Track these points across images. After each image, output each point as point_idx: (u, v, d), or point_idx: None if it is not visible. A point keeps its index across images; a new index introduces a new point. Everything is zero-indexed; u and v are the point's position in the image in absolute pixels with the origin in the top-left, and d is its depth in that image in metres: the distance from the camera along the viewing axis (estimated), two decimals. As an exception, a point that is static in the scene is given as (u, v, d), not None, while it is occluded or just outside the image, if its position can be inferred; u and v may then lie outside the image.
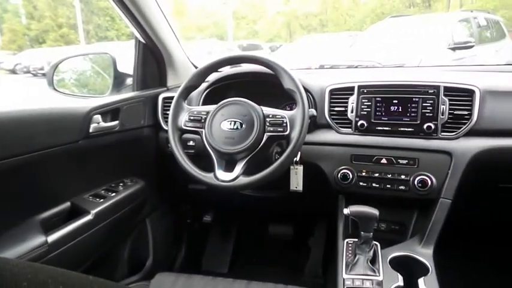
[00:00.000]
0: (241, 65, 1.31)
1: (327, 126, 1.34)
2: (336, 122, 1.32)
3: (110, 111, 1.34)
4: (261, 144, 1.11)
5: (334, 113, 1.33)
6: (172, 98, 1.24)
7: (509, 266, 1.60)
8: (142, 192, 1.48)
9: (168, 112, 1.22)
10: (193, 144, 1.44)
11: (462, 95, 1.20)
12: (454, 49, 4.90)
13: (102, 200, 1.29)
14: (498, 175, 1.28)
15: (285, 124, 1.10)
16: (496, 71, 1.53)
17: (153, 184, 1.60)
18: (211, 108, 1.18)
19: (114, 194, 1.35)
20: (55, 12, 21.81)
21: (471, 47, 4.97)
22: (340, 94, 1.32)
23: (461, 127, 1.19)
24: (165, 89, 1.62)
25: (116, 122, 1.36)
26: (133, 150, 1.50)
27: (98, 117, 1.28)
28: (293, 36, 19.60)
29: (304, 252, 1.91)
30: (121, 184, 1.42)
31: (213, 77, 1.40)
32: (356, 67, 1.93)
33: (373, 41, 5.50)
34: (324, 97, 1.34)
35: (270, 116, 1.12)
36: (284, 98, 1.18)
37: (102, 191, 1.35)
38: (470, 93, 1.20)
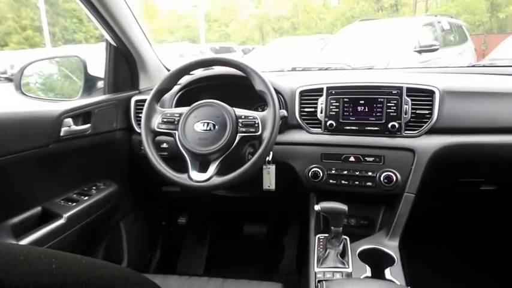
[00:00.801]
0: (214, 67, 1.34)
1: (298, 127, 1.38)
2: (306, 123, 1.37)
3: (81, 115, 1.33)
4: (234, 144, 1.14)
5: (304, 113, 1.37)
6: (144, 100, 1.25)
7: (468, 256, 1.70)
8: (115, 195, 1.47)
9: (140, 115, 1.23)
10: (167, 146, 1.45)
11: (423, 95, 1.27)
12: (420, 52, 5.10)
13: (74, 204, 1.28)
14: (457, 170, 1.36)
15: (256, 125, 1.14)
16: (458, 73, 1.63)
17: (127, 187, 1.59)
18: (184, 110, 1.20)
19: (86, 197, 1.34)
20: (18, 13, 21.00)
21: (436, 49, 5.18)
22: (309, 95, 1.37)
23: (423, 125, 1.27)
24: (137, 92, 1.62)
25: (88, 126, 1.35)
26: (106, 154, 1.49)
27: (69, 120, 1.27)
28: (265, 39, 19.77)
29: (279, 250, 1.94)
30: (94, 187, 1.41)
31: (185, 79, 1.42)
32: (326, 69, 1.99)
33: (343, 44, 5.64)
34: (295, 98, 1.38)
35: (242, 117, 1.15)
36: (256, 100, 1.22)
37: (75, 195, 1.34)
38: (430, 93, 1.27)
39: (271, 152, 1.31)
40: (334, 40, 6.15)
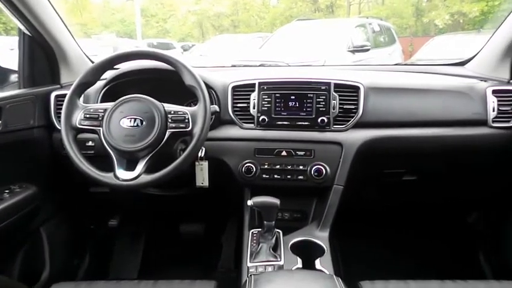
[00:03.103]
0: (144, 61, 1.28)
1: (231, 122, 1.37)
2: (239, 118, 1.37)
3: None
4: (164, 141, 1.10)
5: (237, 109, 1.37)
6: (66, 95, 1.16)
7: (398, 244, 1.80)
8: (33, 198, 1.36)
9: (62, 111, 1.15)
10: (93, 144, 1.37)
11: (349, 91, 1.33)
12: (353, 52, 5.35)
13: None
14: (382, 162, 1.44)
15: (187, 120, 1.11)
16: (384, 70, 1.71)
17: (48, 189, 1.47)
18: (109, 105, 1.14)
19: None
20: None
21: (368, 50, 5.46)
22: (242, 91, 1.37)
23: (350, 120, 1.32)
24: (59, 86, 1.51)
25: (-2, 122, 1.23)
26: (22, 153, 1.37)
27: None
28: (205, 36, 19.54)
29: (217, 248, 1.92)
30: (6, 191, 1.28)
31: (111, 73, 1.35)
32: (260, 65, 2.00)
33: (281, 43, 5.75)
34: (227, 94, 1.37)
35: (172, 112, 1.12)
36: (189, 95, 1.18)
37: None
38: (356, 89, 1.33)
39: (203, 148, 1.30)
40: (273, 39, 6.25)
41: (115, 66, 1.24)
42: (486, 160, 1.44)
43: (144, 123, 1.09)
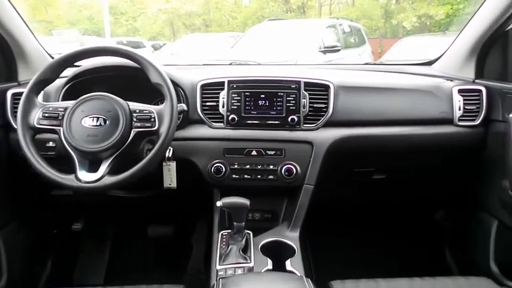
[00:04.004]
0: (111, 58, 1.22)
1: (200, 122, 1.34)
2: (208, 117, 1.34)
3: None
4: (128, 141, 1.07)
5: (206, 108, 1.34)
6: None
7: (366, 242, 1.82)
8: None
9: None
10: (54, 145, 1.31)
11: (319, 90, 1.32)
12: (324, 52, 5.41)
13: None
14: (352, 161, 1.44)
15: (153, 119, 1.08)
16: (356, 70, 1.73)
17: (4, 193, 1.39)
18: (69, 104, 1.09)
19: None
20: None
21: (338, 50, 5.54)
22: (211, 89, 1.34)
23: (320, 119, 1.32)
24: (16, 83, 1.43)
25: None
26: None
27: None
28: (177, 35, 19.24)
29: (187, 250, 1.88)
30: None
31: (72, 71, 1.29)
32: (230, 64, 1.98)
33: (252, 42, 5.74)
34: (196, 92, 1.34)
35: (137, 111, 1.09)
36: (156, 94, 1.15)
37: None
38: (326, 88, 1.32)
39: (171, 148, 1.26)
40: (244, 38, 6.24)
41: (77, 63, 1.18)
42: (452, 158, 1.48)
43: (107, 122, 1.05)
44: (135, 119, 1.07)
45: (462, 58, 1.48)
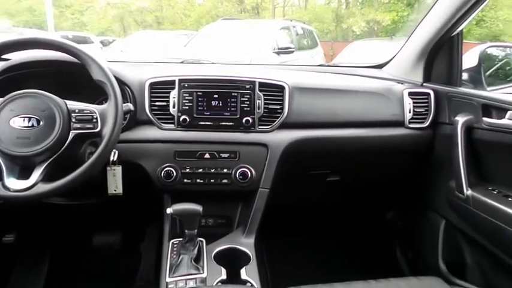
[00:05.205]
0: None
1: (148, 122, 1.26)
2: (157, 118, 1.26)
3: None
4: (66, 143, 0.98)
5: (155, 108, 1.26)
6: None
7: (323, 245, 1.83)
8: None
9: None
10: None
11: (275, 91, 1.29)
12: (278, 53, 5.45)
13: None
14: (307, 163, 1.43)
15: (95, 120, 1.00)
16: (310, 71, 1.72)
17: None
18: None
19: None
20: None
21: (292, 52, 5.62)
22: (160, 88, 1.27)
23: (275, 120, 1.28)
24: None
25: None
26: None
27: None
28: (127, 32, 18.57)
29: (136, 259, 1.78)
30: None
31: (1, 65, 1.16)
32: (182, 62, 1.89)
33: (206, 41, 5.66)
34: (144, 91, 1.26)
35: (76, 111, 1.00)
36: (100, 92, 1.05)
37: None
38: (281, 89, 1.29)
39: (116, 151, 1.18)
40: (198, 37, 6.14)
41: (5, 56, 1.06)
42: (403, 159, 1.51)
43: (41, 123, 0.95)
44: (74, 120, 0.99)
45: (411, 62, 1.51)
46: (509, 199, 1.09)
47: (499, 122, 1.13)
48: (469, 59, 1.47)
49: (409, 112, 1.38)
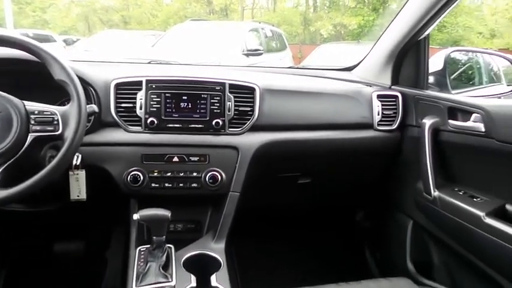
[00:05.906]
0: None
1: (114, 125, 1.21)
2: (123, 120, 1.21)
3: None
4: (25, 147, 0.92)
5: (121, 109, 1.21)
6: None
7: (294, 248, 1.82)
8: None
9: None
10: None
11: (245, 92, 1.27)
12: (247, 55, 5.44)
13: None
14: (278, 166, 1.42)
15: (56, 122, 0.95)
16: (280, 73, 1.71)
17: None
18: None
19: None
20: None
21: (261, 54, 5.63)
22: (127, 89, 1.22)
23: (246, 123, 1.26)
24: None
25: None
26: None
27: None
28: (92, 31, 18.02)
29: (101, 267, 1.70)
30: None
31: None
32: (149, 63, 1.84)
33: (174, 41, 5.57)
34: (109, 92, 1.20)
35: (36, 112, 0.95)
36: (61, 93, 1.00)
37: None
38: (251, 90, 1.28)
39: (79, 155, 1.12)
40: (166, 37, 6.04)
41: None
42: (372, 161, 1.53)
43: None
44: (33, 122, 0.93)
45: (379, 65, 1.54)
46: (475, 199, 1.12)
47: (464, 124, 1.16)
48: (435, 62, 1.51)
49: (378, 114, 1.40)
